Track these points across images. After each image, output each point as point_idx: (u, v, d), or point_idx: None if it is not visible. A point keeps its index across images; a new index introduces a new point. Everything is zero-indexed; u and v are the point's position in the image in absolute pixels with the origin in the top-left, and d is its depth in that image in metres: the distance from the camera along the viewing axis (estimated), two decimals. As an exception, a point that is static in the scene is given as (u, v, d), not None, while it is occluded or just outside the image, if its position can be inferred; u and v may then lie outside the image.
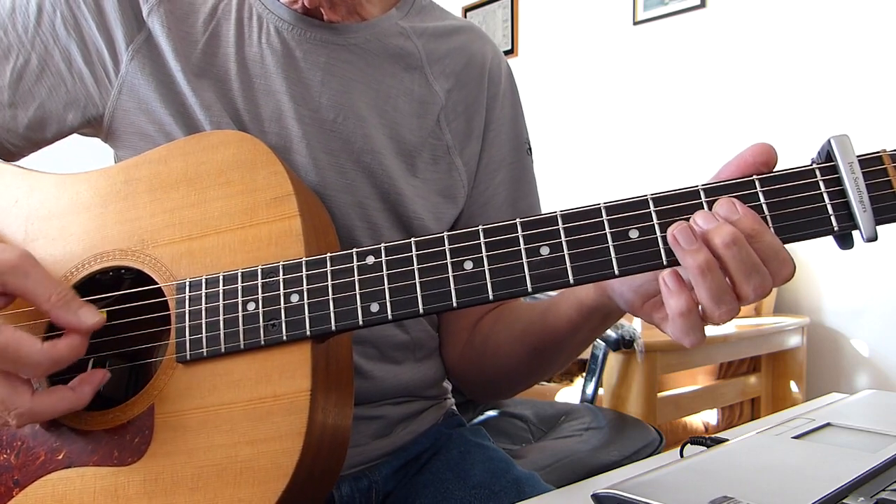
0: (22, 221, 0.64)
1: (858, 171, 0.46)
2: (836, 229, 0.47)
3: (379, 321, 0.53)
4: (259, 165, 0.60)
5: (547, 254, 0.50)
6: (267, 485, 0.52)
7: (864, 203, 0.45)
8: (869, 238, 0.46)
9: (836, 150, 0.46)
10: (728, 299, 0.48)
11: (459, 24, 0.87)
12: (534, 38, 3.52)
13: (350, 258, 0.54)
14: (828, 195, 0.47)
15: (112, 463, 0.56)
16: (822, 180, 0.47)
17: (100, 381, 0.56)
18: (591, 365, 1.68)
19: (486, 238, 0.51)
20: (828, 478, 0.47)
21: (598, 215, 0.50)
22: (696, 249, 0.47)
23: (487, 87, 0.84)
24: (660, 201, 0.49)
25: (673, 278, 0.49)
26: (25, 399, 0.52)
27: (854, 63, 2.48)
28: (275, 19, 0.74)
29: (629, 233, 0.49)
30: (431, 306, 0.51)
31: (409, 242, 0.53)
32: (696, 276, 0.47)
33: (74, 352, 0.54)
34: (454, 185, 0.80)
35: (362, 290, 0.53)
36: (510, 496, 0.73)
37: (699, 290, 0.48)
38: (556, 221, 0.50)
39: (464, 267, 0.51)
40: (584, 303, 0.65)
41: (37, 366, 0.52)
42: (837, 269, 2.56)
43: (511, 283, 0.50)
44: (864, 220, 0.46)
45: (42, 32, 0.71)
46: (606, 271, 0.49)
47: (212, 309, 0.56)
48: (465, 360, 0.82)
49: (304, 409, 0.52)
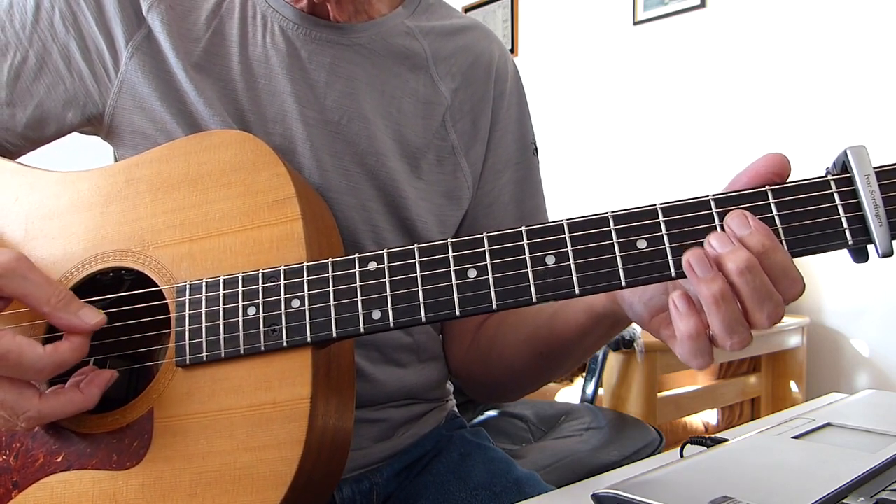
0: (22, 220, 0.63)
1: (875, 184, 0.45)
2: (850, 243, 0.45)
3: (380, 329, 0.52)
4: (261, 167, 0.59)
5: (552, 263, 0.49)
6: (265, 493, 0.51)
7: (880, 217, 0.44)
8: (885, 253, 0.44)
9: (852, 161, 0.45)
10: (741, 329, 0.46)
11: (466, 22, 0.86)
12: (534, 38, 3.51)
13: (352, 264, 0.53)
14: (843, 208, 0.46)
15: (111, 467, 0.55)
16: (837, 192, 0.46)
17: (107, 382, 0.55)
18: (591, 365, 1.68)
19: (491, 246, 0.50)
20: (828, 478, 0.46)
21: (606, 224, 0.48)
22: (712, 279, 0.45)
23: (494, 86, 0.83)
24: (669, 211, 0.48)
25: (683, 301, 0.47)
26: (34, 403, 0.52)
27: (855, 63, 2.47)
28: (279, 18, 0.73)
29: (637, 243, 0.48)
30: (433, 315, 0.50)
31: (412, 249, 0.52)
32: (709, 305, 0.46)
33: (77, 353, 0.53)
34: (459, 186, 0.80)
35: (364, 296, 0.52)
36: (511, 497, 0.73)
37: (712, 319, 0.46)
38: (563, 230, 0.49)
39: (467, 275, 0.50)
40: (594, 309, 0.63)
41: (40, 371, 0.51)
42: (837, 269, 2.55)
43: (515, 293, 0.49)
44: (880, 235, 0.44)
45: (40, 30, 0.70)
46: (613, 282, 0.48)
47: (212, 313, 0.55)
48: (470, 361, 0.82)
49: (304, 417, 0.52)
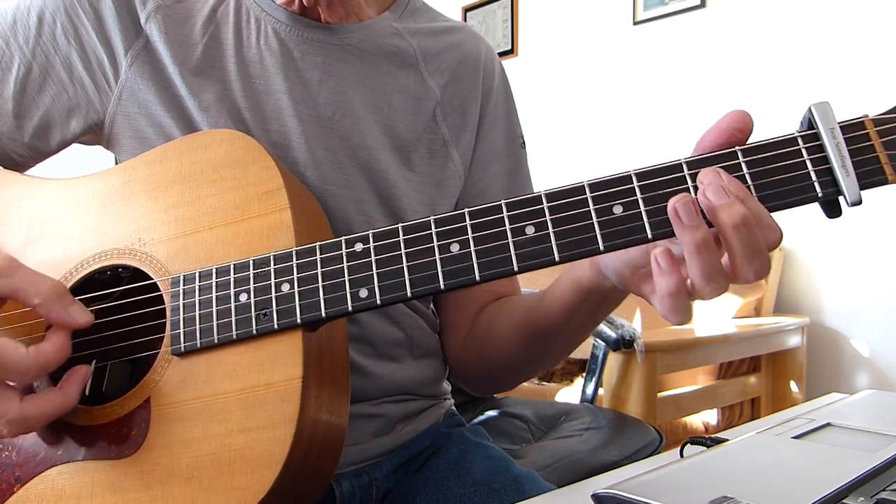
0: (23, 227, 0.65)
1: (840, 137, 0.46)
2: (820, 195, 0.46)
3: (368, 306, 0.53)
4: (250, 161, 0.61)
5: (532, 233, 0.50)
6: (260, 472, 0.52)
7: (846, 168, 0.45)
8: (853, 202, 0.45)
9: (817, 116, 0.47)
10: (719, 278, 0.47)
11: (453, 24, 0.88)
12: (534, 38, 3.50)
13: (339, 246, 0.54)
14: (811, 162, 0.47)
15: (110, 456, 0.56)
16: (804, 148, 0.47)
17: (84, 377, 0.55)
18: (591, 365, 1.68)
19: (472, 220, 0.51)
20: (828, 478, 0.46)
21: (582, 193, 0.50)
22: (696, 226, 0.46)
23: (482, 83, 0.86)
24: (643, 176, 0.49)
25: (665, 257, 0.48)
26: (14, 406, 0.51)
27: (856, 63, 2.49)
28: (272, 21, 0.76)
29: (613, 209, 0.49)
30: (419, 289, 0.52)
31: (396, 228, 0.53)
32: (691, 252, 0.46)
33: (61, 353, 0.53)
34: (450, 176, 0.81)
35: (351, 276, 0.53)
36: (510, 494, 0.73)
37: (692, 267, 0.47)
38: (541, 201, 0.50)
39: (450, 249, 0.51)
40: (580, 283, 0.64)
41: (24, 373, 0.51)
42: (837, 269, 2.56)
43: (497, 263, 0.50)
44: (848, 185, 0.45)
45: (43, 42, 0.72)
46: (592, 247, 0.49)
47: (205, 301, 0.57)
48: (467, 352, 0.82)
49: (296, 397, 0.53)
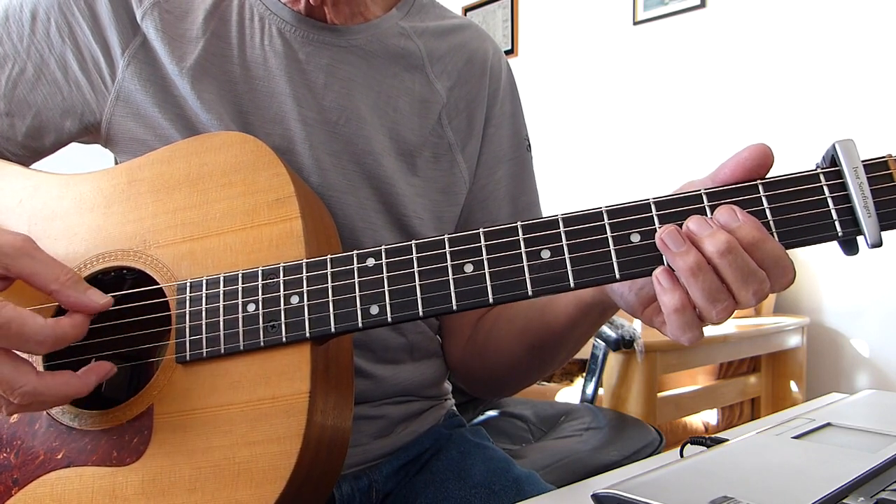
0: (25, 221, 0.64)
1: (864, 177, 0.45)
2: (840, 235, 0.46)
3: (378, 323, 0.52)
4: (261, 167, 0.60)
5: (548, 257, 0.49)
6: (264, 487, 0.51)
7: (868, 209, 0.45)
8: (874, 244, 0.45)
9: (840, 154, 0.46)
10: (723, 297, 0.47)
11: (459, 22, 0.87)
12: (534, 38, 3.51)
13: (350, 260, 0.54)
14: (832, 200, 0.47)
15: (111, 463, 0.56)
16: (826, 185, 0.47)
17: (105, 373, 0.55)
18: (591, 365, 1.68)
19: (487, 241, 0.51)
20: (828, 478, 0.46)
21: (600, 219, 0.49)
22: (685, 251, 0.47)
23: (489, 84, 0.84)
24: (662, 205, 0.49)
25: (666, 276, 0.48)
26: (31, 378, 0.50)
27: (856, 63, 2.48)
28: (277, 20, 0.74)
29: (631, 237, 0.49)
30: (431, 309, 0.51)
31: (409, 245, 0.52)
32: (687, 277, 0.47)
33: (78, 330, 0.53)
34: (455, 182, 0.80)
35: (362, 292, 0.53)
36: (510, 495, 0.73)
37: (692, 291, 0.47)
38: (558, 225, 0.50)
39: (464, 270, 0.51)
40: (582, 299, 0.64)
41: (41, 343, 0.51)
42: (837, 269, 2.56)
43: (511, 287, 0.50)
44: (869, 226, 0.45)
45: (37, 40, 0.70)
46: (607, 275, 0.49)
47: (212, 310, 0.56)
48: (468, 357, 0.82)
49: (303, 412, 0.52)
